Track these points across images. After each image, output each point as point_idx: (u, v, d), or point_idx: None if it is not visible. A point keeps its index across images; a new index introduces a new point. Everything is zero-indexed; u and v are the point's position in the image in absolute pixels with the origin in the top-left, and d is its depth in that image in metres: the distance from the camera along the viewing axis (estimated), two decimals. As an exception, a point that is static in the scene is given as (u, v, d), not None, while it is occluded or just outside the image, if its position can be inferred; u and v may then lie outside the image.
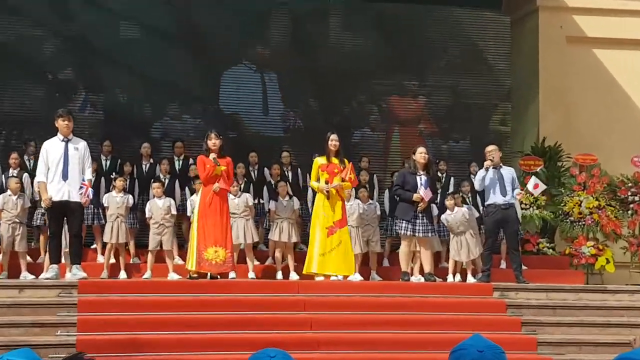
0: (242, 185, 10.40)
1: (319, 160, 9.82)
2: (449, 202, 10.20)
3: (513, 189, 9.77)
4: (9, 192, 9.57)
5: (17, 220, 9.49)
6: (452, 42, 12.92)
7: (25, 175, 9.97)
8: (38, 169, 8.83)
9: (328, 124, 11.82)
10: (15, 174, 10.01)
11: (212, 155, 9.35)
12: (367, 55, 12.48)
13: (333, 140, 9.77)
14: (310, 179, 10.08)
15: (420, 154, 9.77)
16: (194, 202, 9.67)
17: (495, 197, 9.77)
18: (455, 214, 10.13)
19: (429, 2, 12.72)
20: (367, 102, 12.95)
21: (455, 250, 10.14)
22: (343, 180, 9.61)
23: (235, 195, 9.97)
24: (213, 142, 9.41)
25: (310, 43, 12.74)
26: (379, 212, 10.70)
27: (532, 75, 12.88)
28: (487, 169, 9.78)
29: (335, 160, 9.74)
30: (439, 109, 12.94)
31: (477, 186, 10.10)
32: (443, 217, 10.30)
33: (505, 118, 13.05)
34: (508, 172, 9.92)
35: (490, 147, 10.02)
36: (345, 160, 9.82)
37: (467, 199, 10.72)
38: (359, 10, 12.69)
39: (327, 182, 9.62)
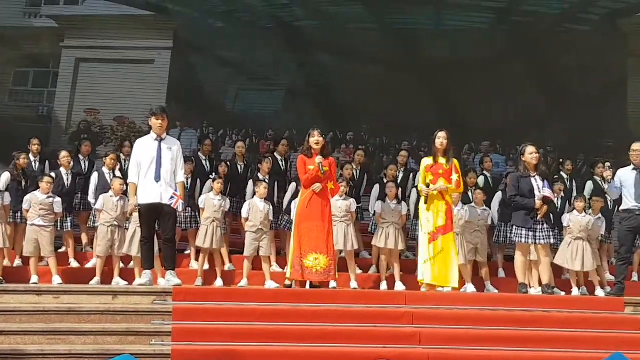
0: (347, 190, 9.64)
1: (425, 161, 9.10)
2: (579, 203, 9.47)
3: None
4: (110, 192, 9.27)
5: (116, 224, 9.19)
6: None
7: None
8: (130, 170, 8.39)
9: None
10: (119, 175, 9.70)
11: (319, 159, 8.75)
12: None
13: (440, 138, 8.95)
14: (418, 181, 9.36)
15: (531, 155, 8.83)
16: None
17: (629, 202, 8.80)
18: (583, 218, 9.29)
19: None
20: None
21: (567, 259, 9.31)
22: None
23: (340, 197, 9.35)
24: (316, 139, 8.81)
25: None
26: (489, 222, 9.91)
27: None
28: (608, 181, 8.83)
29: (442, 160, 8.99)
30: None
31: (613, 196, 9.17)
32: (566, 216, 9.52)
33: None
34: None
35: (636, 145, 8.83)
36: (455, 161, 9.07)
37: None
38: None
39: (428, 185, 8.91)
